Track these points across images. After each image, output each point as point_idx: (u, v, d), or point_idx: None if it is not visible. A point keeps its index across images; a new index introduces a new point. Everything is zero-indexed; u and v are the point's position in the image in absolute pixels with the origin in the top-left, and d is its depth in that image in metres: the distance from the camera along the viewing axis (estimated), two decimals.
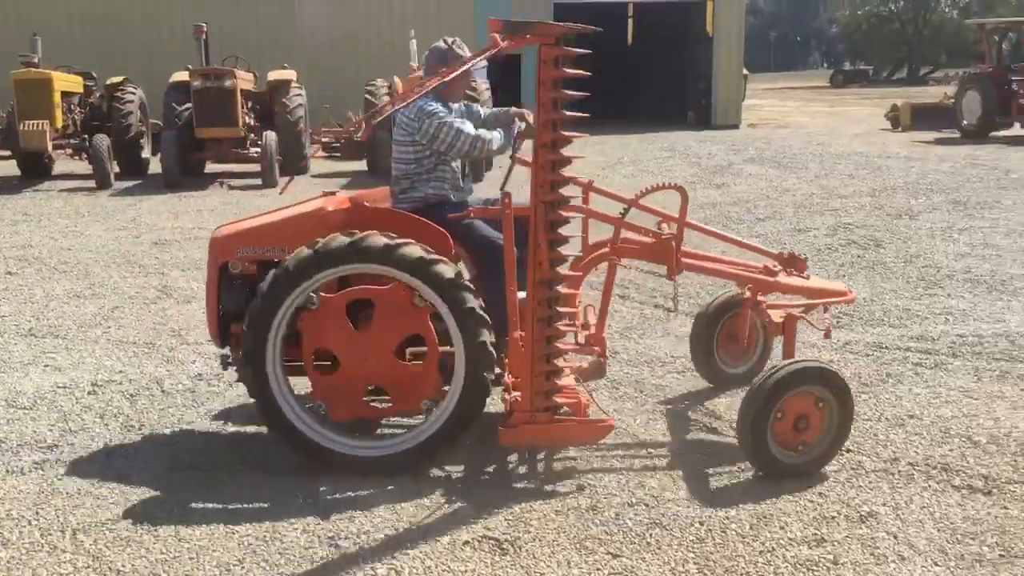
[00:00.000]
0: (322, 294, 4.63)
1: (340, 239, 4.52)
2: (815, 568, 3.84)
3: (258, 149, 16.78)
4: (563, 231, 4.59)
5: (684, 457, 4.93)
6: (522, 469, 4.81)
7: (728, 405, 5.60)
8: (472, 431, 5.24)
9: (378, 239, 4.52)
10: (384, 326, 4.68)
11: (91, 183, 16.51)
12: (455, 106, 5.52)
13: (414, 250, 4.54)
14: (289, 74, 18.62)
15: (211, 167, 18.29)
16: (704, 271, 5.37)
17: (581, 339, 5.33)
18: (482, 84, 18.45)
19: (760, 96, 46.40)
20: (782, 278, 5.20)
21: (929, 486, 4.55)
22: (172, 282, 9.04)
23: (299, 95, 18.16)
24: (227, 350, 5.16)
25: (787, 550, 3.98)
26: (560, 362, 4.67)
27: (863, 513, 4.28)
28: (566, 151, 4.55)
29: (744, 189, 15.00)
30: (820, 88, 63.14)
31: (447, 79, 4.83)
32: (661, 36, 35.74)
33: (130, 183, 17.07)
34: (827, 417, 4.62)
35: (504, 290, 4.62)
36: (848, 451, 4.94)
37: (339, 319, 4.67)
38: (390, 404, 4.93)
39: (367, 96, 17.23)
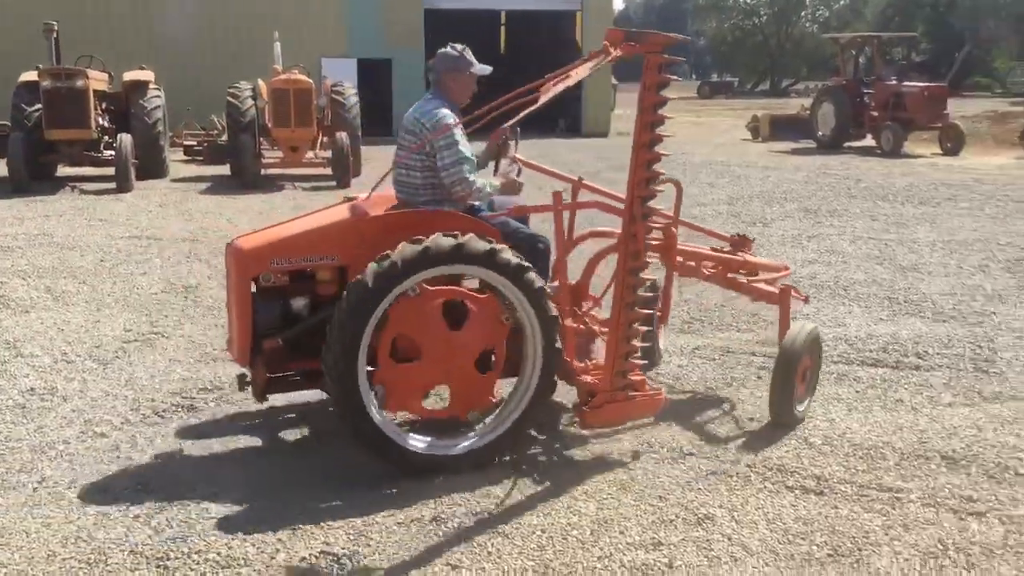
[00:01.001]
0: (424, 285, 4.59)
1: (445, 240, 4.49)
2: (650, 572, 3.88)
3: (112, 152, 16.14)
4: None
5: (532, 463, 4.93)
6: (367, 480, 4.71)
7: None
8: (323, 441, 5.13)
9: (480, 243, 4.58)
10: (475, 332, 4.76)
11: None
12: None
13: (512, 256, 4.65)
14: (146, 75, 17.99)
15: (63, 170, 17.50)
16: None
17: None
18: (349, 88, 18.23)
19: (630, 105, 47.27)
20: (748, 256, 6.07)
21: (764, 487, 4.66)
22: (10, 291, 8.58)
23: (157, 96, 17.57)
24: (243, 370, 5.07)
25: (624, 555, 4.01)
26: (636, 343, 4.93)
27: (700, 516, 4.35)
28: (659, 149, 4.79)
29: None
30: (688, 98, 64.76)
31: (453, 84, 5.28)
32: (533, 45, 36.07)
33: None
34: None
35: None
36: (690, 454, 5.04)
37: (435, 313, 4.66)
38: (443, 407, 4.99)
39: (230, 99, 16.78)
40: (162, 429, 5.40)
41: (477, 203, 5.33)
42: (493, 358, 4.90)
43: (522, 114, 4.77)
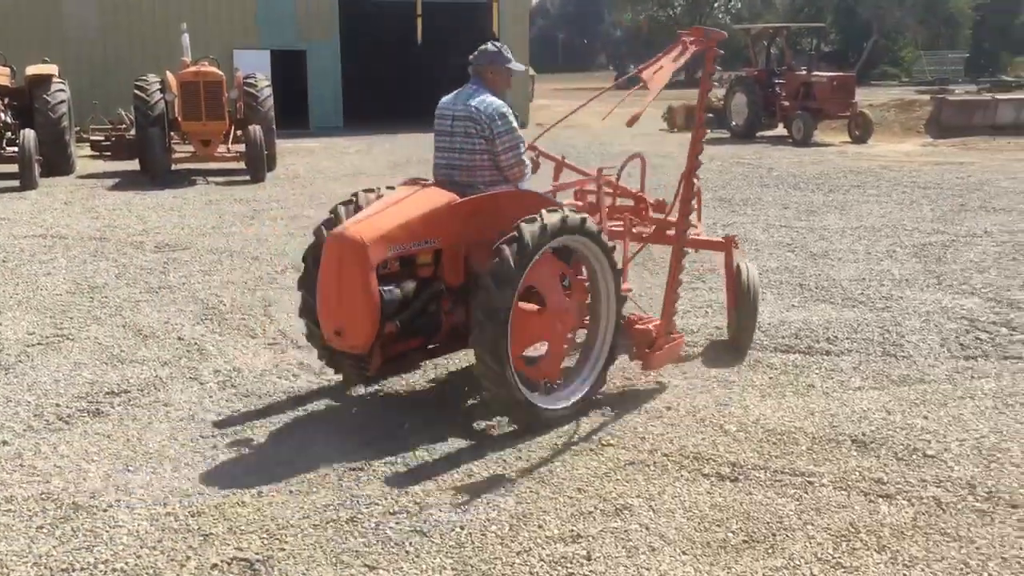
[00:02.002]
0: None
1: (555, 216, 5.17)
2: (568, 565, 3.88)
3: (15, 148, 15.58)
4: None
5: (450, 459, 4.89)
6: (279, 483, 4.62)
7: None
8: (235, 446, 5.04)
9: (576, 215, 5.31)
10: (574, 302, 5.62)
11: None
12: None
13: (593, 222, 5.42)
14: (50, 68, 17.38)
15: None
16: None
17: None
18: (262, 79, 17.87)
19: (548, 96, 47.41)
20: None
21: (681, 476, 4.70)
22: None
23: (61, 90, 16.99)
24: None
25: (543, 549, 4.00)
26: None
27: (618, 506, 4.37)
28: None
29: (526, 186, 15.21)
30: (605, 89, 65.40)
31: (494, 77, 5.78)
32: (449, 36, 35.89)
33: None
34: None
35: None
36: (609, 445, 5.06)
37: (554, 282, 5.45)
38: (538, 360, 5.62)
39: (137, 92, 16.32)
40: (67, 435, 5.22)
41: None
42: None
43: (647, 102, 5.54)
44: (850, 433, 5.20)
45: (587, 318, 5.73)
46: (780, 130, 24.08)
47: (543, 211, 5.17)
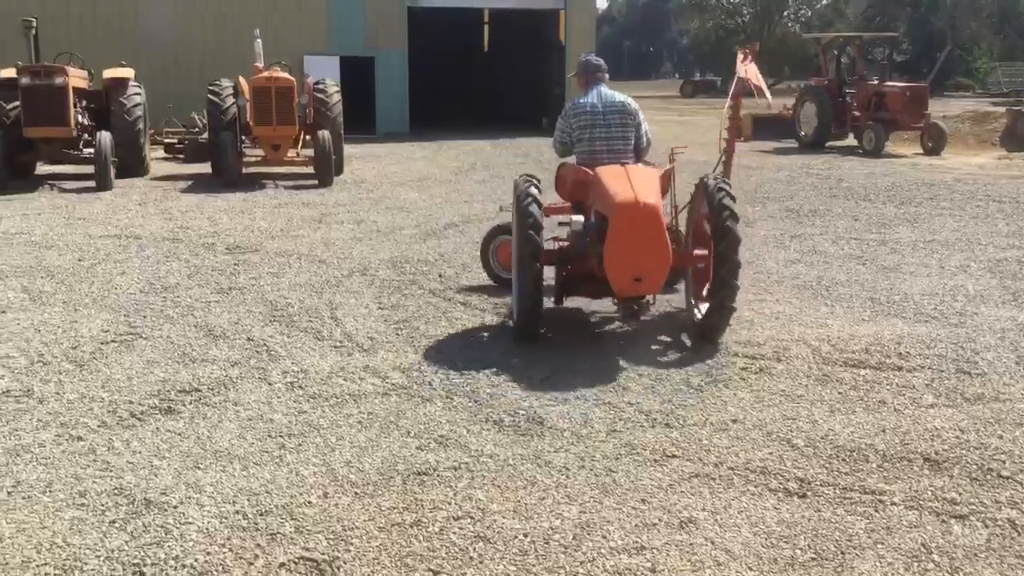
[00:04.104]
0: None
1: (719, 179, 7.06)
2: None
3: (92, 150, 15.99)
4: None
5: (514, 466, 4.89)
6: (345, 485, 4.67)
7: (562, 413, 5.60)
8: (301, 445, 5.10)
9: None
10: None
11: None
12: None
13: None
14: (126, 72, 17.82)
15: (42, 168, 17.35)
16: None
17: None
18: (332, 85, 18.11)
19: None
20: None
21: (747, 490, 4.64)
22: None
23: (137, 94, 17.41)
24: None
25: (607, 559, 3.98)
26: None
27: (683, 519, 4.33)
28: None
29: None
30: (671, 97, 64.94)
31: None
32: (516, 43, 36.03)
33: None
34: None
35: None
36: (673, 456, 5.01)
37: None
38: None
39: (210, 96, 16.65)
40: (139, 432, 5.33)
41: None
42: None
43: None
44: (922, 451, 5.09)
45: None
46: (850, 140, 23.69)
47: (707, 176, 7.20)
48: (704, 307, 7.07)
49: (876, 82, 23.72)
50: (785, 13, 78.60)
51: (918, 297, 8.40)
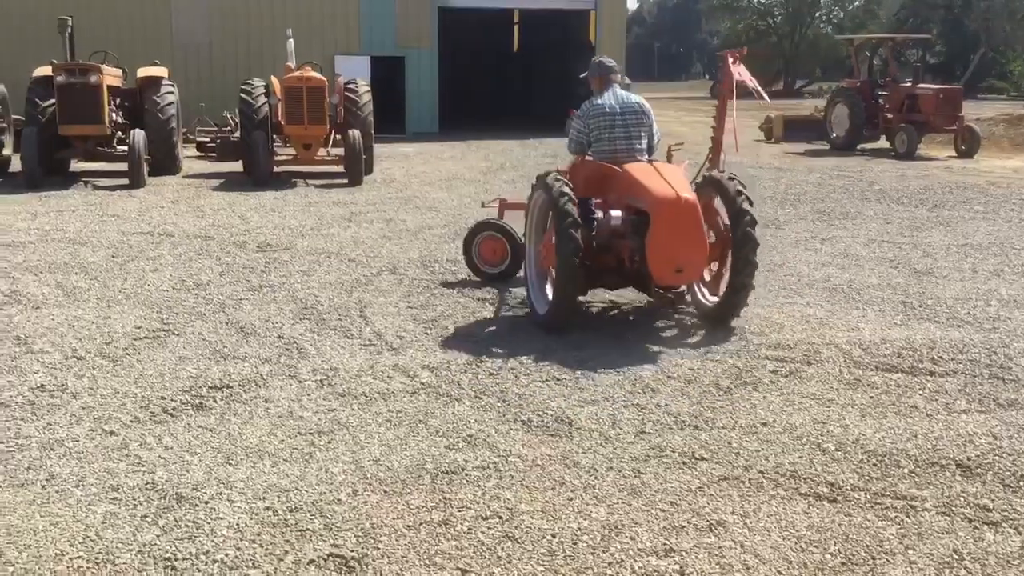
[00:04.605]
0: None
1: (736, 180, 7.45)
2: None
3: (125, 148, 16.15)
4: None
5: (542, 466, 4.89)
6: (374, 483, 4.69)
7: (591, 414, 5.60)
8: (331, 443, 5.12)
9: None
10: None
11: None
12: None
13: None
14: (160, 71, 17.98)
15: (76, 166, 17.55)
16: None
17: None
18: (363, 85, 18.17)
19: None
20: None
21: (777, 494, 4.62)
22: (22, 287, 8.60)
23: (171, 92, 17.56)
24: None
25: (635, 561, 3.98)
26: None
27: (712, 522, 4.31)
28: None
29: None
30: (701, 98, 64.63)
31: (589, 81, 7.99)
32: (546, 43, 36.00)
33: None
34: None
35: None
36: (702, 459, 5.00)
37: None
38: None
39: (242, 95, 16.76)
40: (171, 427, 5.39)
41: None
42: None
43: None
44: (954, 457, 5.04)
45: None
46: (882, 143, 23.48)
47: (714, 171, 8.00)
48: (705, 291, 7.67)
49: (909, 84, 23.47)
50: (817, 14, 77.93)
51: (951, 301, 8.32)
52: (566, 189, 7.03)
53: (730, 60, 8.67)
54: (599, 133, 7.57)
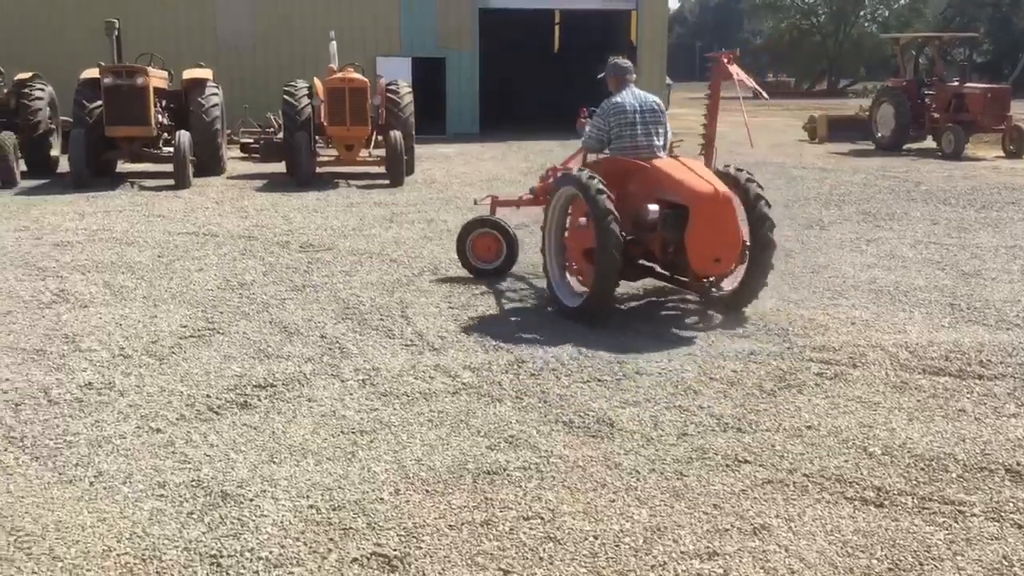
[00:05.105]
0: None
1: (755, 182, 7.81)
2: None
3: (171, 149, 16.37)
4: None
5: (583, 467, 4.88)
6: (416, 482, 4.70)
7: (632, 416, 5.58)
8: (373, 442, 5.14)
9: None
10: None
11: None
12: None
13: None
14: (205, 73, 18.20)
15: (122, 166, 17.82)
16: None
17: None
18: (404, 86, 18.25)
19: (684, 105, 46.99)
20: None
21: (823, 498, 4.56)
22: (70, 286, 8.74)
23: (215, 94, 17.77)
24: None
25: (678, 564, 3.95)
26: None
27: (756, 525, 4.27)
28: None
29: None
30: (743, 98, 64.18)
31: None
32: (587, 44, 35.92)
33: (37, 182, 16.51)
34: None
35: None
36: (746, 462, 4.95)
37: None
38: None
39: (286, 97, 16.91)
40: (217, 425, 5.44)
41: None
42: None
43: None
44: (1003, 462, 4.95)
45: None
46: (928, 143, 23.16)
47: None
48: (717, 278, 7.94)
49: (956, 83, 23.13)
50: (862, 13, 77.11)
51: (1000, 304, 8.17)
52: (602, 186, 7.27)
53: (724, 61, 8.76)
54: (620, 130, 7.82)
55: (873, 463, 4.95)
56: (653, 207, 7.43)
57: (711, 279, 7.77)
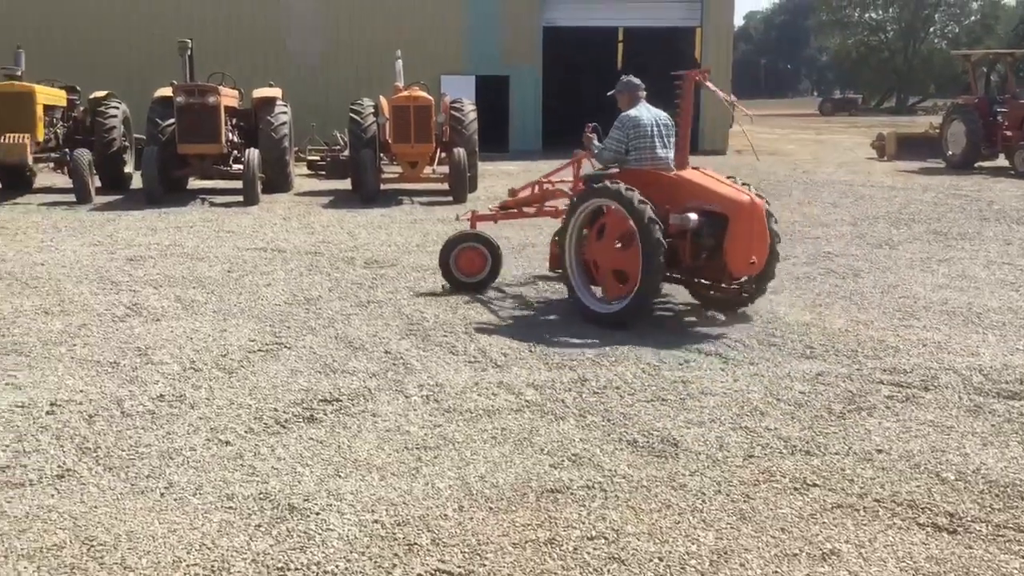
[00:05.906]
0: None
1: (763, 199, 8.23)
2: None
3: (241, 166, 16.69)
4: None
5: (648, 488, 4.84)
6: (479, 499, 4.71)
7: (697, 436, 5.52)
8: (439, 458, 5.16)
9: None
10: None
11: (72, 197, 16.38)
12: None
13: None
14: (274, 92, 18.55)
15: (193, 183, 18.21)
16: None
17: None
18: (468, 104, 18.40)
19: (747, 122, 46.57)
20: None
21: (894, 523, 4.47)
22: (143, 300, 8.94)
23: (284, 113, 18.09)
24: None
25: None
26: None
27: (825, 551, 4.20)
28: None
29: None
30: (809, 116, 63.46)
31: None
32: (650, 60, 35.84)
33: (111, 198, 16.96)
34: None
35: None
36: (814, 485, 4.87)
37: None
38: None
39: (352, 115, 17.16)
40: (284, 439, 5.51)
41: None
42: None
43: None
44: None
45: None
46: (1001, 161, 22.65)
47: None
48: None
49: None
50: (931, 29, 75.88)
51: None
52: (639, 195, 7.69)
53: (699, 78, 8.75)
54: (638, 143, 8.25)
55: (946, 488, 4.84)
56: (693, 216, 7.81)
57: (743, 280, 8.25)
